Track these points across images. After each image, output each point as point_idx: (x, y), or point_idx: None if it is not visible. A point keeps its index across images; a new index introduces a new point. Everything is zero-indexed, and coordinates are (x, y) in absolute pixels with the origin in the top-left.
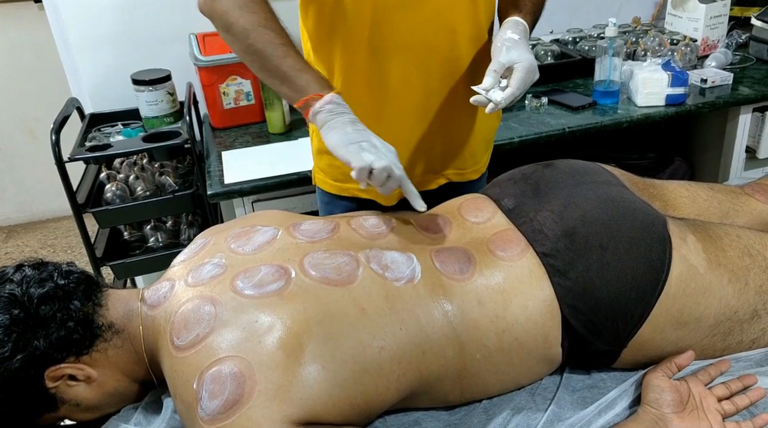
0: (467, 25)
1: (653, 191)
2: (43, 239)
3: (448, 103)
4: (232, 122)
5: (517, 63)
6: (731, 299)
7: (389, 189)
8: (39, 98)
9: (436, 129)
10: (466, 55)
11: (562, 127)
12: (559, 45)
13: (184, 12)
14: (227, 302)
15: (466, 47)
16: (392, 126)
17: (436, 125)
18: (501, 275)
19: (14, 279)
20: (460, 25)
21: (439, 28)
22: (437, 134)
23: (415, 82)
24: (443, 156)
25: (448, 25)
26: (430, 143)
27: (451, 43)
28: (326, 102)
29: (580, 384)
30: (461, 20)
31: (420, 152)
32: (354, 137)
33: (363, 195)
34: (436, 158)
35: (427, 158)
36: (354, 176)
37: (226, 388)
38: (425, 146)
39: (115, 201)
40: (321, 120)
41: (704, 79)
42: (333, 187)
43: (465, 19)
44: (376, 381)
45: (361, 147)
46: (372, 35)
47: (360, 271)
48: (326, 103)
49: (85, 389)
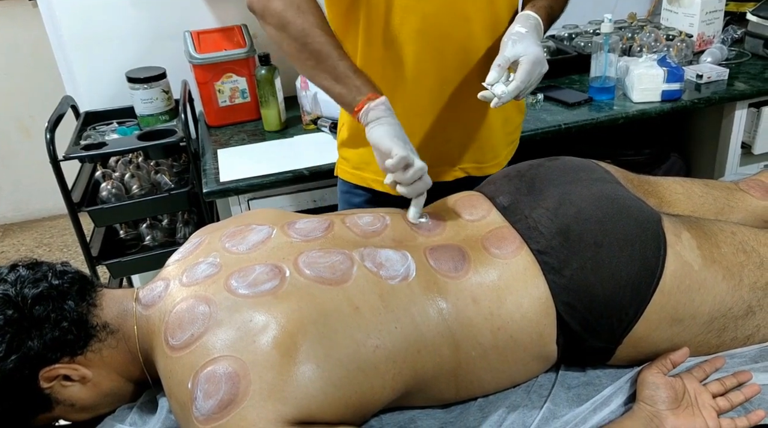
0: (482, 14)
1: (648, 187)
2: (38, 238)
3: (463, 92)
4: (228, 119)
5: (523, 56)
6: (726, 295)
7: (415, 190)
8: (34, 97)
9: (452, 119)
10: (482, 45)
11: (558, 123)
12: (555, 41)
13: (179, 9)
14: (222, 302)
15: (482, 36)
16: (407, 114)
17: (452, 114)
18: (496, 273)
19: (8, 279)
20: (475, 13)
21: (453, 16)
22: (453, 124)
23: (429, 70)
24: (460, 148)
25: (463, 13)
26: (446, 134)
27: (466, 32)
28: (381, 103)
29: (576, 381)
30: (475, 9)
31: (435, 141)
32: (401, 135)
33: (377, 187)
34: (452, 150)
35: (443, 149)
36: (391, 163)
37: (220, 388)
38: (441, 136)
39: (111, 200)
40: (373, 116)
41: (700, 74)
42: (353, 176)
43: (480, 7)
44: (371, 379)
45: (406, 142)
46: (387, 23)
47: (354, 269)
48: (381, 103)
49: (79, 389)
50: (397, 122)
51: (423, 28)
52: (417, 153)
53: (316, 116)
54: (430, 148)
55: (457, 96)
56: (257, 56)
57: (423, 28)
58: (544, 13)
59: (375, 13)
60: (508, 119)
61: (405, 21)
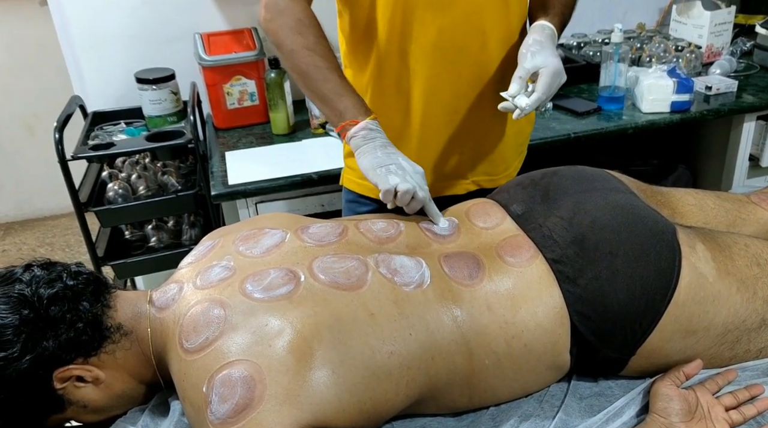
0: (498, 27)
1: (661, 198)
2: (41, 237)
3: (478, 106)
4: (236, 122)
5: (543, 68)
6: (739, 308)
7: (413, 209)
8: (38, 95)
9: (466, 132)
10: (496, 57)
11: (567, 132)
12: (564, 50)
13: (189, 11)
14: (237, 306)
15: (496, 48)
16: (421, 127)
17: (466, 127)
18: (510, 281)
19: (23, 279)
20: (491, 26)
21: (469, 30)
22: (467, 137)
23: (444, 84)
24: (473, 160)
25: (479, 26)
26: (460, 147)
27: (480, 45)
28: (360, 128)
29: (588, 392)
30: (492, 22)
31: (449, 154)
32: (383, 161)
33: None
34: (465, 163)
35: (456, 162)
36: (381, 198)
37: (236, 392)
38: (454, 149)
39: (117, 200)
40: (355, 145)
41: (709, 86)
42: (359, 186)
43: (496, 20)
44: (385, 386)
45: (388, 170)
46: (402, 37)
47: (369, 275)
48: (360, 130)
49: (92, 390)
50: (381, 142)
51: (439, 42)
52: (410, 161)
53: (325, 120)
54: (444, 161)
55: (472, 109)
56: (267, 59)
57: (439, 42)
58: (557, 22)
59: (391, 26)
60: (521, 131)
61: (421, 35)
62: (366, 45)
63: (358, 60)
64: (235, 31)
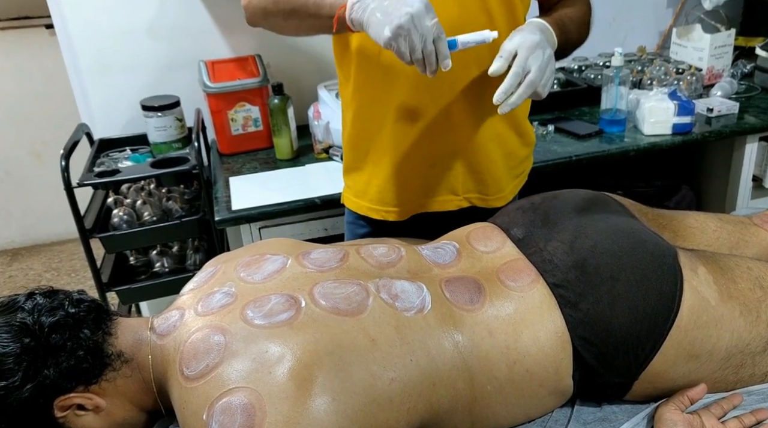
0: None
1: (662, 221)
2: (47, 263)
3: (465, 119)
4: (240, 148)
5: (520, 44)
6: (743, 331)
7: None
8: (46, 122)
9: (453, 148)
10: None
11: (569, 155)
12: (565, 73)
13: (194, 39)
14: (237, 332)
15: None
16: (404, 142)
17: (453, 143)
18: (512, 306)
19: (25, 308)
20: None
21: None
22: (455, 153)
23: (425, 97)
24: (462, 176)
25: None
26: (448, 163)
27: (465, 60)
28: (353, 3)
29: (591, 417)
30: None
31: (435, 169)
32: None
33: (374, 215)
34: (454, 178)
35: (444, 177)
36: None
37: (236, 420)
38: (441, 163)
39: (122, 226)
40: (357, 20)
41: (710, 108)
42: (354, 204)
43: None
44: (386, 413)
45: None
46: (383, 51)
47: (370, 301)
48: (354, 3)
49: (93, 418)
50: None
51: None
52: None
53: (328, 145)
54: (432, 176)
55: (458, 123)
56: (270, 86)
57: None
58: (552, 20)
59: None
60: (512, 154)
61: None
62: (348, 57)
63: (344, 71)
64: (239, 58)
